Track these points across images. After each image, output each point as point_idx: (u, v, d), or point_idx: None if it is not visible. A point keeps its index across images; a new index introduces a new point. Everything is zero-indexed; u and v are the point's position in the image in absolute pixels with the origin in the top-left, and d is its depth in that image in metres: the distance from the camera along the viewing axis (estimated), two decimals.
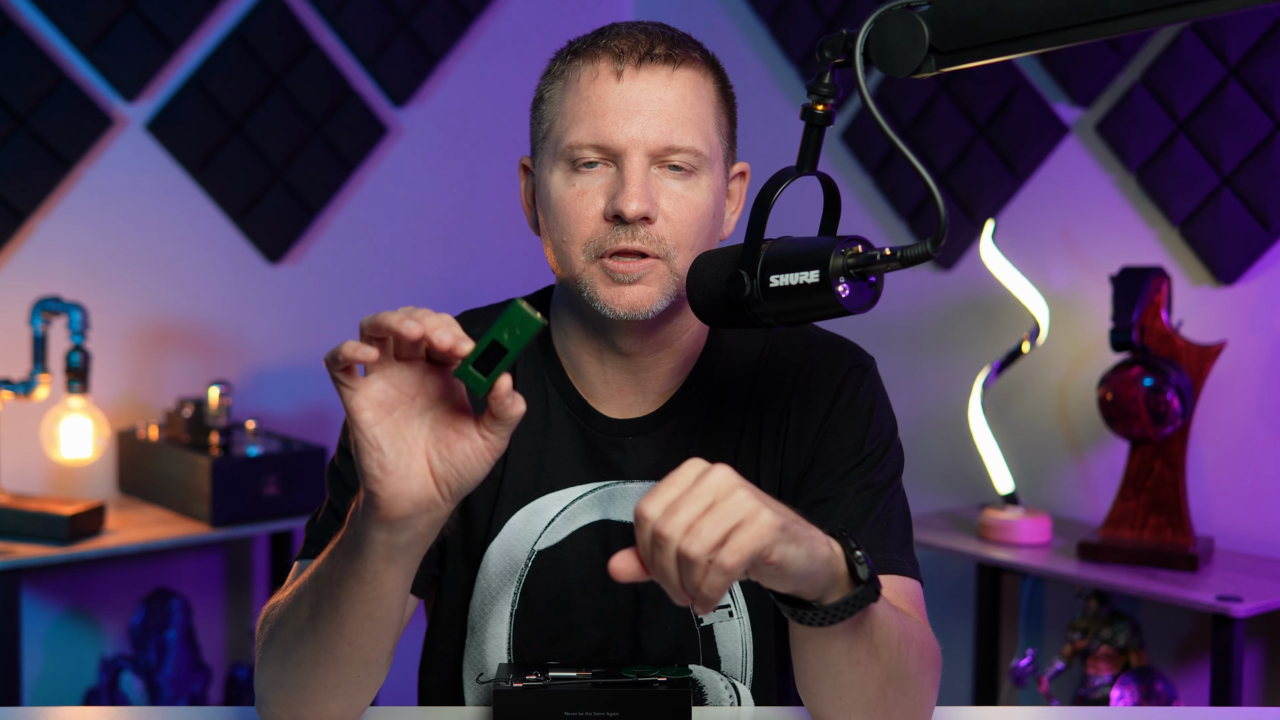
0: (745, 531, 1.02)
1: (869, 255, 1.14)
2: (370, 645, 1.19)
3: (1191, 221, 2.63)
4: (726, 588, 1.03)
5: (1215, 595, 2.29)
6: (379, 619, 1.17)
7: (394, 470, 1.07)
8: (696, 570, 1.01)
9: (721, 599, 1.06)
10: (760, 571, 1.06)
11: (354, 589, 1.14)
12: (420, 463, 1.08)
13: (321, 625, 1.18)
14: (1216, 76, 2.58)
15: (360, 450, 1.07)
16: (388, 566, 1.13)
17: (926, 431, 3.02)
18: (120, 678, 2.81)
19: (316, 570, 1.19)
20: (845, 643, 1.16)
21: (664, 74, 1.32)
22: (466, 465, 1.09)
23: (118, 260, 2.90)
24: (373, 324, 1.05)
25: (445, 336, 1.04)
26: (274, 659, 1.24)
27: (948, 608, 2.99)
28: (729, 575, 1.02)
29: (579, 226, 1.32)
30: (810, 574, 1.07)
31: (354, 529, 1.12)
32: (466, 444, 1.09)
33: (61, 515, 2.50)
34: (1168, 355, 2.48)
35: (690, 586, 1.02)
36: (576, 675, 1.32)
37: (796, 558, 1.05)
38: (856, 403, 1.39)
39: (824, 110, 1.18)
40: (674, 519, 1.02)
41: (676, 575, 1.03)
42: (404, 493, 1.08)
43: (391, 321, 1.04)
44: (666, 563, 1.02)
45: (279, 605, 1.25)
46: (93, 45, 2.82)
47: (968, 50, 1.12)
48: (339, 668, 1.20)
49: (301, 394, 3.14)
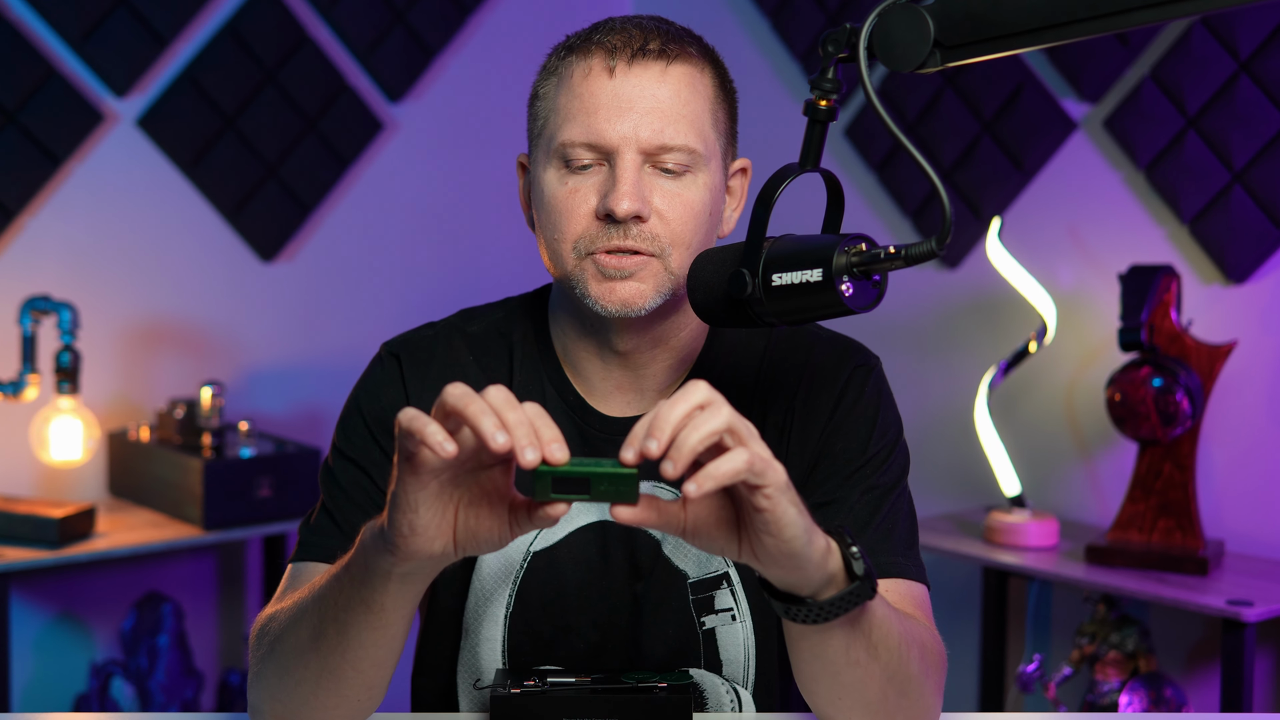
0: (760, 446, 1.02)
1: (873, 253, 1.14)
2: (374, 671, 1.20)
3: (1201, 219, 2.63)
4: (730, 477, 1.00)
5: (1226, 599, 2.29)
6: (384, 645, 1.18)
7: (423, 533, 1.06)
8: (703, 424, 1.00)
9: (723, 483, 1.01)
10: (753, 522, 1.05)
11: (362, 617, 1.15)
12: (448, 525, 1.07)
13: (326, 648, 1.18)
14: (1227, 71, 2.58)
15: (395, 506, 1.05)
16: (398, 596, 1.13)
17: (932, 433, 3.02)
18: (111, 684, 2.81)
19: (320, 591, 1.19)
20: (843, 642, 1.15)
21: (657, 70, 1.32)
22: (488, 539, 1.08)
23: (108, 258, 2.90)
24: (456, 412, 1.01)
25: (533, 455, 1.00)
26: (272, 674, 1.24)
27: (953, 612, 2.99)
28: (740, 462, 1.00)
29: (570, 224, 1.32)
30: (803, 554, 1.06)
31: (364, 559, 1.12)
32: (494, 521, 1.07)
33: (51, 518, 2.50)
34: (1177, 355, 2.48)
35: (687, 442, 0.99)
36: (575, 681, 1.32)
37: (794, 522, 1.04)
38: (861, 403, 1.39)
39: (827, 106, 1.18)
40: (717, 395, 1.02)
41: (684, 415, 1.00)
42: (423, 550, 1.07)
43: (484, 430, 0.99)
44: (684, 403, 1.01)
45: (278, 619, 1.25)
46: (83, 39, 2.82)
47: (973, 45, 1.12)
48: (341, 690, 1.21)
49: (295, 395, 3.14)
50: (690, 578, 1.39)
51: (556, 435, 1.01)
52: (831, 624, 1.13)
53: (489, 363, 1.43)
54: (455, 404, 1.01)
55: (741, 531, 1.07)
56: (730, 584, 1.39)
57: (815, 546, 1.08)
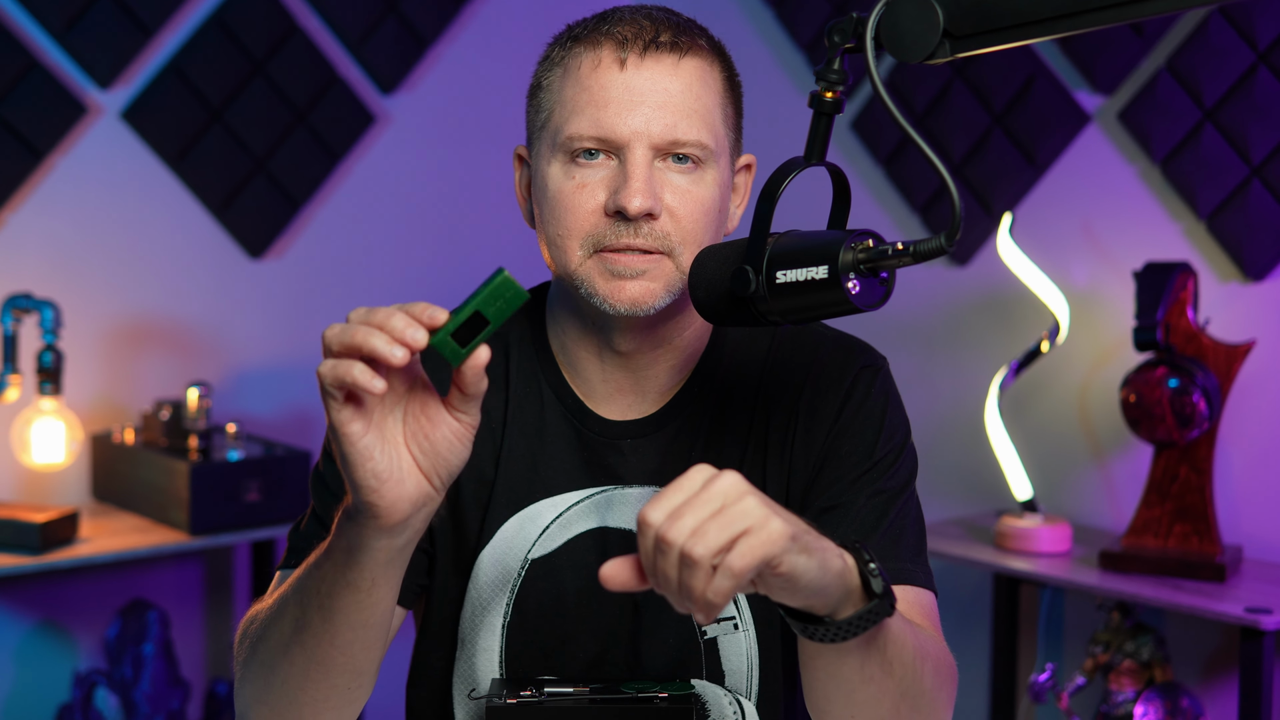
0: (755, 537, 1.01)
1: (880, 250, 1.14)
2: (363, 654, 1.20)
3: (1219, 214, 2.63)
4: (732, 595, 1.02)
5: (1244, 607, 2.29)
6: (373, 626, 1.18)
7: (389, 476, 1.07)
8: (699, 575, 1.01)
9: (725, 607, 1.05)
10: (768, 583, 1.05)
11: (348, 598, 1.15)
12: (407, 460, 1.09)
13: (311, 637, 1.18)
14: (1245, 63, 2.58)
15: (350, 464, 1.07)
16: (385, 571, 1.14)
17: (941, 435, 3.02)
18: (95, 693, 2.80)
19: (299, 582, 1.19)
20: (858, 659, 1.15)
21: (669, 63, 1.32)
22: (450, 450, 1.09)
23: (92, 255, 2.90)
24: (352, 346, 1.03)
25: (419, 336, 1.03)
26: (257, 674, 1.24)
27: (963, 620, 3.00)
28: (736, 580, 1.01)
29: (577, 220, 1.32)
30: (821, 587, 1.07)
31: (345, 539, 1.12)
32: (444, 429, 1.09)
33: (33, 523, 2.50)
34: (1194, 355, 2.48)
35: (693, 594, 1.02)
36: (573, 691, 1.32)
37: (807, 569, 1.05)
38: (868, 405, 1.39)
39: (833, 98, 1.18)
40: (679, 523, 1.01)
41: (677, 582, 1.02)
42: (402, 496, 1.08)
43: (379, 353, 1.02)
44: (669, 568, 1.02)
45: (259, 619, 1.25)
46: (65, 30, 2.82)
47: (984, 35, 1.12)
48: (330, 679, 1.20)
49: (284, 396, 3.14)
50: None
51: (424, 304, 1.04)
52: (848, 642, 1.12)
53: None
54: (341, 340, 1.04)
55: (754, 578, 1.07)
56: None
57: (830, 573, 1.07)
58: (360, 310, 1.05)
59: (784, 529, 1.03)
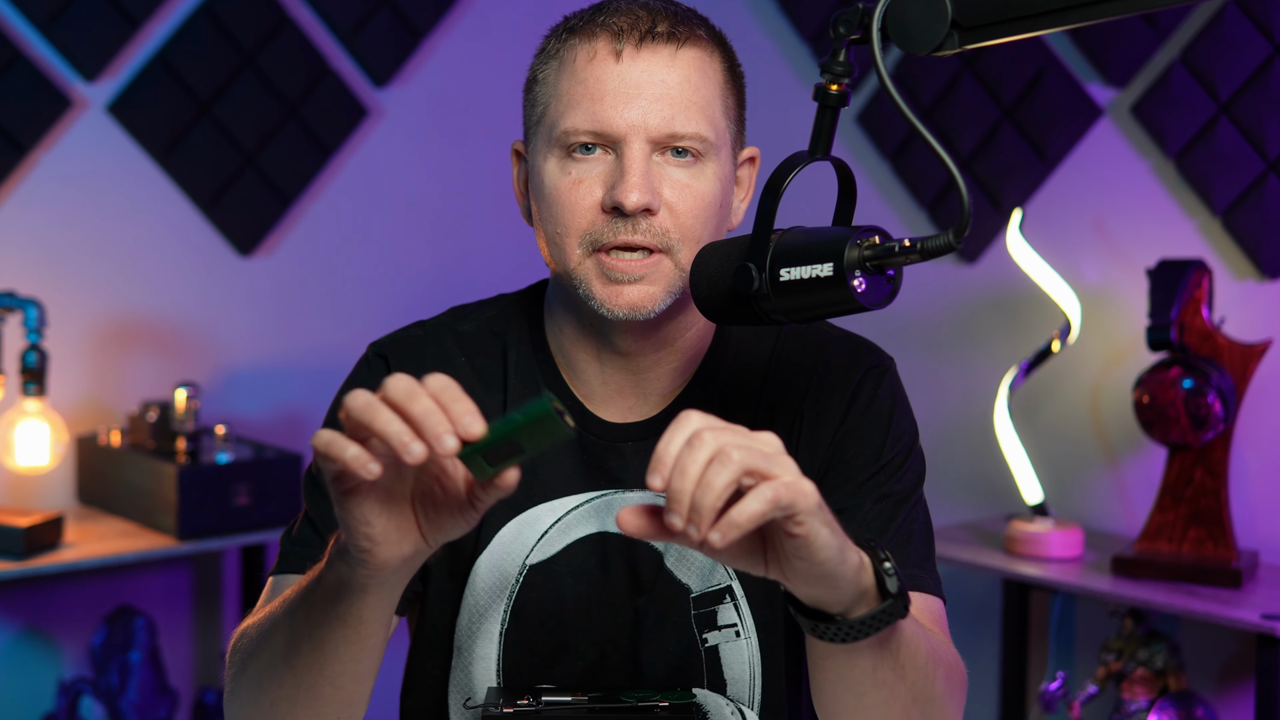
0: (787, 480, 1.00)
1: (887, 247, 1.14)
2: (353, 687, 1.20)
3: (1234, 211, 2.63)
4: (755, 523, 0.99)
5: (1260, 613, 2.29)
6: (363, 659, 1.18)
7: (384, 539, 1.05)
8: (725, 472, 0.97)
9: (748, 528, 1.00)
10: (783, 547, 1.04)
11: (337, 631, 1.14)
12: (409, 519, 1.06)
13: (301, 665, 1.18)
14: (1261, 55, 2.58)
15: (345, 525, 1.04)
16: (376, 607, 1.13)
17: (949, 437, 3.02)
18: (80, 702, 2.81)
19: (291, 605, 1.18)
20: (870, 662, 1.15)
21: (667, 54, 1.32)
22: (454, 524, 1.06)
23: (77, 253, 2.90)
24: (371, 427, 0.98)
25: (450, 444, 0.98)
26: (247, 692, 1.24)
27: (972, 627, 3.00)
28: (765, 505, 0.98)
29: (574, 218, 1.32)
30: (835, 572, 1.06)
31: (335, 573, 1.11)
32: (455, 505, 1.06)
33: (16, 527, 2.50)
34: (1209, 355, 2.48)
35: (712, 492, 0.98)
36: (571, 700, 1.32)
37: (827, 544, 1.04)
38: (875, 406, 1.39)
39: (838, 90, 1.18)
40: (722, 432, 1.00)
41: (698, 478, 0.98)
42: (394, 556, 1.06)
43: (394, 445, 0.97)
44: (693, 462, 0.98)
45: (249, 634, 1.25)
46: (50, 21, 2.82)
47: (993, 26, 1.12)
48: (319, 708, 1.21)
49: (275, 397, 3.14)
50: (693, 592, 1.39)
51: (468, 408, 0.99)
52: (860, 643, 1.12)
53: (482, 363, 1.43)
54: (360, 418, 0.99)
55: (768, 551, 1.06)
56: (734, 598, 1.39)
57: (848, 564, 1.07)
58: (401, 385, 0.99)
59: (815, 492, 1.02)
